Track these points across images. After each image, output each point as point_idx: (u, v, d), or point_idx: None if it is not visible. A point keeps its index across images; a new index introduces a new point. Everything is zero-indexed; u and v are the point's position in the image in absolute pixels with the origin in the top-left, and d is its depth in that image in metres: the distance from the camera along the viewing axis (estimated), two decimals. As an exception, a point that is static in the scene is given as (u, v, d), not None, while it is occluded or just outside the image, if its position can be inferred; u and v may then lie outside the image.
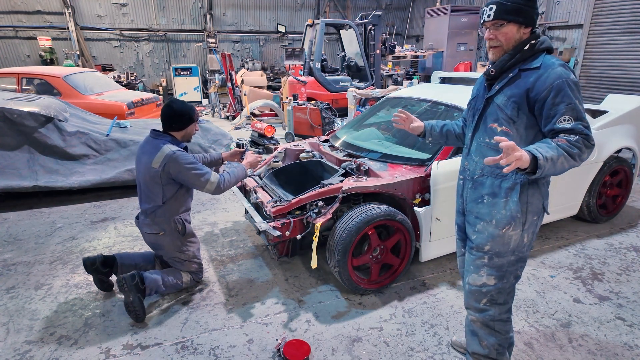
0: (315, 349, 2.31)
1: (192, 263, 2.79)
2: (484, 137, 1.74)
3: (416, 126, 2.16)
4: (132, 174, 4.61)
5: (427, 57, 12.13)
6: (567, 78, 1.53)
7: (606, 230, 3.75)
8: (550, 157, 1.45)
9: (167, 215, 2.59)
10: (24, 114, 4.31)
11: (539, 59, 1.61)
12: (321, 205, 2.63)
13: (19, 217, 4.20)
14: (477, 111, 1.77)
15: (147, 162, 2.47)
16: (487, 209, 1.74)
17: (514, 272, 1.79)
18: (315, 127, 6.70)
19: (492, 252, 1.75)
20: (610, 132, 3.60)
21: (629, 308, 2.65)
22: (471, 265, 1.84)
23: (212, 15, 13.80)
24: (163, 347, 2.34)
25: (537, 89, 1.56)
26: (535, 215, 1.71)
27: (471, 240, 1.83)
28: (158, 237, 2.63)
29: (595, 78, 8.78)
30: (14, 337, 2.43)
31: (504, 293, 1.81)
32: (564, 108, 1.51)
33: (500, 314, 1.84)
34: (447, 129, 2.11)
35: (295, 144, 3.76)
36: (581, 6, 9.31)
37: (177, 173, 2.46)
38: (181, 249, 2.69)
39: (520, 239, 1.72)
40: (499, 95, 1.67)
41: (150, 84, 13.61)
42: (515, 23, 1.58)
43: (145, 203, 2.61)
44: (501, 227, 1.70)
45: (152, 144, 2.51)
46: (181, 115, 2.55)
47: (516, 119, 1.62)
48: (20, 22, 11.83)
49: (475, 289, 1.84)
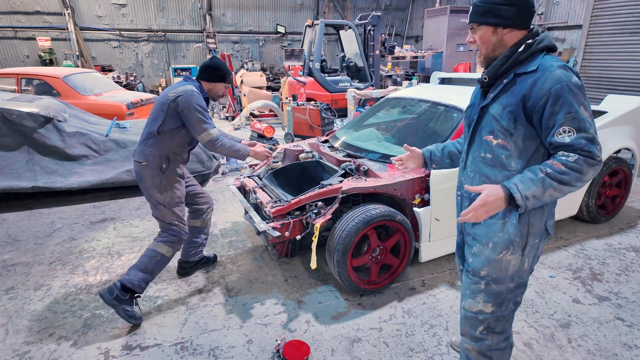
0: (315, 350, 2.31)
1: (170, 212, 2.62)
2: (479, 151, 1.56)
3: (415, 157, 1.96)
4: (131, 175, 4.61)
5: (426, 58, 12.14)
6: (567, 82, 1.33)
7: (605, 230, 3.76)
8: (531, 194, 1.32)
9: (156, 148, 2.56)
10: (23, 114, 4.31)
11: (535, 60, 1.41)
12: (321, 206, 2.63)
13: (18, 217, 4.20)
14: (472, 122, 1.60)
15: (166, 92, 2.57)
16: (484, 230, 1.56)
17: (513, 298, 1.62)
18: (314, 128, 6.70)
19: (489, 278, 1.57)
20: (610, 132, 3.60)
21: (628, 308, 2.65)
22: (467, 290, 1.66)
23: (211, 15, 13.81)
24: (162, 348, 2.34)
25: (534, 96, 1.37)
26: (536, 238, 1.54)
27: (468, 262, 1.66)
28: (141, 166, 2.59)
29: (595, 79, 8.80)
30: (13, 338, 2.43)
31: (502, 321, 1.64)
32: (563, 118, 1.32)
33: (497, 342, 1.67)
34: (449, 150, 1.89)
35: (294, 145, 3.76)
36: (580, 7, 9.33)
37: (184, 109, 2.48)
38: (161, 187, 2.59)
39: (519, 264, 1.55)
40: (494, 104, 1.48)
41: (150, 85, 13.61)
42: (487, 25, 1.44)
43: (145, 131, 2.64)
44: (498, 252, 1.53)
45: (180, 83, 2.63)
46: (215, 69, 2.65)
47: (513, 130, 1.43)
48: (20, 22, 11.83)
49: (471, 315, 1.66)
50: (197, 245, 3.04)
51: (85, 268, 3.21)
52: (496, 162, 1.51)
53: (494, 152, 1.50)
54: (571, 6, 9.62)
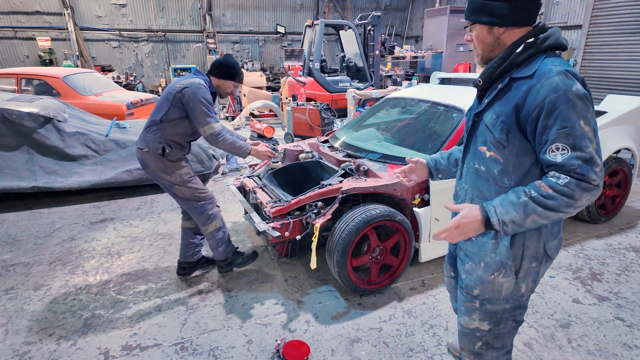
0: (315, 350, 2.31)
1: (186, 188, 2.71)
2: (473, 162, 1.43)
3: (419, 169, 1.79)
4: (131, 175, 4.61)
5: (426, 58, 12.15)
6: (565, 91, 1.14)
7: (605, 230, 3.76)
8: (509, 220, 1.19)
9: (157, 135, 2.61)
10: (23, 114, 4.31)
11: (534, 63, 1.24)
12: (320, 206, 2.63)
13: (17, 217, 4.20)
14: (468, 128, 1.46)
15: (174, 83, 2.60)
16: (476, 248, 1.44)
17: (511, 317, 1.50)
18: (314, 128, 6.70)
19: (482, 298, 1.46)
20: (609, 132, 3.60)
21: (628, 308, 2.65)
22: (462, 307, 1.56)
23: (211, 15, 13.81)
24: (162, 348, 2.34)
25: (527, 106, 1.20)
26: (533, 262, 1.37)
27: (461, 279, 1.55)
28: (143, 152, 2.64)
29: (594, 79, 8.80)
30: (12, 338, 2.43)
31: (501, 337, 1.53)
32: (556, 133, 1.15)
33: (497, 357, 1.58)
34: (456, 158, 1.71)
35: (294, 145, 3.76)
36: (580, 7, 9.34)
37: (189, 101, 2.50)
38: (167, 170, 2.65)
39: (514, 287, 1.40)
40: (488, 112, 1.33)
41: (150, 85, 13.61)
42: (481, 24, 1.30)
43: (149, 119, 2.68)
44: (490, 273, 1.40)
45: (189, 75, 2.68)
46: (227, 66, 2.69)
47: (506, 143, 1.27)
48: (20, 22, 11.83)
49: (468, 332, 1.57)
50: (195, 246, 3.05)
51: (85, 268, 3.21)
52: (489, 176, 1.37)
53: (487, 165, 1.36)
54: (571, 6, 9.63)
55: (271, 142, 6.57)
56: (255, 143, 2.86)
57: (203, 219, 2.82)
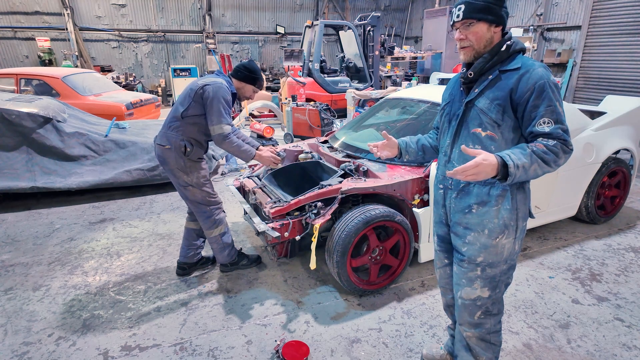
0: (314, 350, 2.31)
1: (199, 191, 2.76)
2: (467, 144, 1.66)
3: (391, 146, 1.99)
4: (130, 175, 4.61)
5: (425, 58, 12.15)
6: (547, 79, 1.51)
7: (604, 231, 3.76)
8: (522, 165, 1.43)
9: (179, 132, 2.66)
10: (22, 114, 4.31)
11: (517, 59, 1.58)
12: (320, 206, 2.63)
13: (17, 218, 4.19)
14: (456, 117, 1.71)
15: (197, 80, 2.65)
16: (478, 219, 1.66)
17: (505, 280, 1.75)
18: (314, 128, 6.70)
19: (485, 264, 1.68)
20: (609, 133, 3.61)
21: (627, 309, 2.65)
22: (463, 279, 1.75)
23: (211, 16, 13.81)
24: (161, 349, 2.33)
25: (520, 90, 1.52)
26: (524, 221, 1.69)
27: (461, 252, 1.74)
28: (164, 149, 2.67)
29: (594, 79, 8.80)
30: (12, 339, 2.42)
31: (497, 303, 1.78)
32: (544, 110, 1.49)
33: (495, 324, 1.80)
34: (422, 144, 2.01)
35: (294, 145, 3.76)
36: (579, 7, 9.35)
37: (208, 99, 2.55)
38: (186, 169, 2.70)
39: (512, 247, 1.68)
40: (481, 99, 1.61)
41: (149, 85, 13.61)
42: (485, 22, 1.55)
43: (170, 115, 2.72)
44: (494, 237, 1.64)
45: (212, 75, 2.73)
46: (250, 70, 2.74)
47: (501, 122, 1.57)
48: (19, 22, 11.82)
49: (469, 303, 1.76)
50: (197, 248, 3.06)
51: (85, 268, 3.20)
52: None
53: (483, 143, 1.61)
54: (570, 7, 9.65)
55: (270, 142, 6.57)
56: (261, 148, 2.89)
57: (209, 224, 2.85)
